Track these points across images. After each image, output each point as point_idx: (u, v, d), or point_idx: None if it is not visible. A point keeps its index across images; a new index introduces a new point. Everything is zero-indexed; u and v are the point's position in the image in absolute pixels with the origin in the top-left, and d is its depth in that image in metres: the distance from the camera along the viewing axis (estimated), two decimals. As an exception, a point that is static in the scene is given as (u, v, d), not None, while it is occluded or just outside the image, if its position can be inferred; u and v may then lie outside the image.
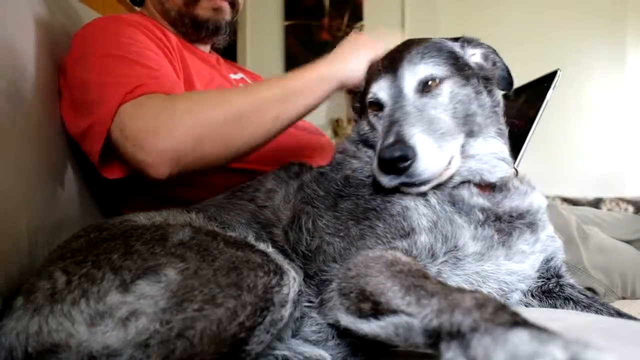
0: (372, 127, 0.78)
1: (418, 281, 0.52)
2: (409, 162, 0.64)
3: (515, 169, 0.79)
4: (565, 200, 1.71)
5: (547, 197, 0.80)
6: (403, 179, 0.66)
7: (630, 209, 1.63)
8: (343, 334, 0.63)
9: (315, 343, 0.65)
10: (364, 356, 0.64)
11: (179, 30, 1.11)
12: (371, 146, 0.79)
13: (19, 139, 0.76)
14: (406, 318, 0.48)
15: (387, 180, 0.67)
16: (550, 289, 0.76)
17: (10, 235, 0.70)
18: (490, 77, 0.80)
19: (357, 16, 3.46)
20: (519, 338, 0.38)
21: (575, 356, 0.35)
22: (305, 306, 0.66)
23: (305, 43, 3.47)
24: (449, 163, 0.69)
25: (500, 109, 0.81)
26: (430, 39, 0.79)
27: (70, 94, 0.88)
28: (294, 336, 0.64)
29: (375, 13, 3.45)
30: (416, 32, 3.67)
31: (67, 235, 0.67)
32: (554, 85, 0.99)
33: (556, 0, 3.34)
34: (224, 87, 1.05)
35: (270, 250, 0.64)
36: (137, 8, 1.23)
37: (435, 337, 0.45)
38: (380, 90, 0.75)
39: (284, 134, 1.03)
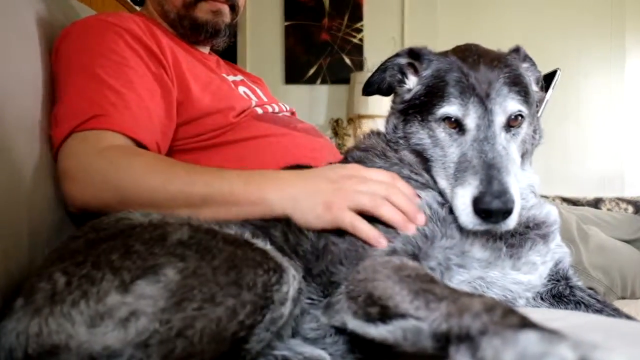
0: (433, 139, 0.73)
1: (426, 285, 0.52)
2: (507, 216, 0.64)
3: None
4: (565, 200, 1.71)
5: (547, 197, 0.80)
6: (491, 226, 0.65)
7: (630, 209, 1.63)
8: (341, 331, 0.63)
9: (313, 340, 0.65)
10: (362, 353, 0.64)
11: (177, 31, 1.11)
12: (396, 149, 0.78)
13: (18, 138, 0.76)
14: (414, 322, 0.48)
15: (476, 224, 0.65)
16: (561, 292, 0.76)
17: (10, 234, 0.70)
18: (539, 102, 0.79)
19: (356, 17, 3.47)
20: (528, 339, 0.38)
21: (585, 356, 0.36)
22: (306, 303, 0.66)
23: (305, 43, 3.48)
24: None
25: (541, 140, 0.80)
26: (507, 58, 0.74)
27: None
28: (292, 334, 0.64)
29: (375, 13, 3.46)
30: (416, 33, 3.69)
31: (67, 235, 0.67)
32: (554, 85, 0.99)
33: (555, 1, 3.35)
34: (223, 90, 1.05)
35: (268, 247, 0.64)
36: (137, 8, 1.23)
37: (443, 340, 0.45)
38: (468, 115, 0.69)
39: (283, 136, 1.04)
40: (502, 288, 0.69)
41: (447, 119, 0.70)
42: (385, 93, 0.84)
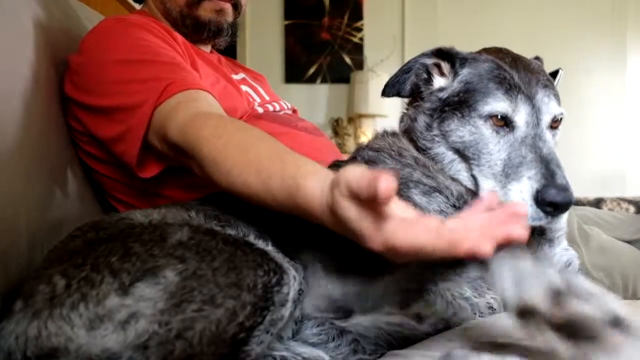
0: (477, 136, 0.71)
1: None
2: (566, 210, 0.64)
3: None
4: (566, 199, 1.71)
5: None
6: (549, 220, 0.65)
7: (632, 208, 1.63)
8: (343, 334, 0.63)
9: (315, 345, 0.65)
10: (364, 358, 0.64)
11: (180, 30, 1.10)
12: (414, 146, 0.78)
13: (17, 139, 0.76)
14: None
15: (537, 219, 0.64)
16: None
17: (9, 234, 0.70)
18: None
19: (357, 16, 3.46)
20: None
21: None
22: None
23: (305, 42, 3.47)
24: None
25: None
26: (538, 64, 0.77)
27: (90, 100, 0.89)
28: (293, 337, 0.64)
29: (375, 13, 3.45)
30: (416, 32, 3.68)
31: (66, 234, 0.67)
32: (556, 85, 0.98)
33: (556, 0, 3.34)
34: (228, 90, 1.05)
35: (269, 248, 0.63)
36: (137, 6, 1.23)
37: None
38: (518, 112, 0.70)
39: (284, 135, 1.03)
40: None
41: (494, 116, 0.70)
42: (405, 95, 0.83)
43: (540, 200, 0.63)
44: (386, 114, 3.10)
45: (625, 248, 1.21)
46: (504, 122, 0.70)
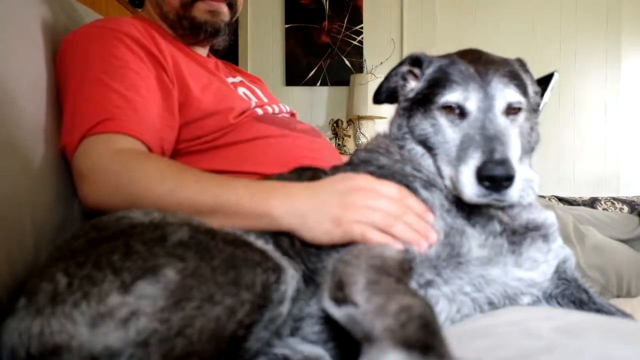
0: (435, 127, 0.74)
1: (386, 280, 0.55)
2: (509, 184, 0.65)
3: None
4: (561, 200, 1.71)
5: (543, 197, 0.81)
6: (495, 196, 0.66)
7: (625, 208, 1.63)
8: (343, 335, 0.63)
9: (315, 343, 0.66)
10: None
11: (177, 33, 1.11)
12: (401, 145, 0.79)
13: (22, 139, 0.77)
14: (353, 310, 0.53)
15: (480, 195, 0.66)
16: (581, 299, 0.76)
17: (15, 234, 0.71)
18: (536, 109, 0.81)
19: (356, 19, 3.48)
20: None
21: None
22: (309, 308, 0.66)
23: (306, 45, 3.49)
24: None
25: (538, 143, 0.82)
26: (506, 59, 0.79)
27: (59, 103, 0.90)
28: (293, 335, 0.65)
29: (374, 16, 3.47)
30: (415, 35, 3.69)
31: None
32: (551, 87, 0.99)
33: (552, 2, 3.36)
34: (222, 91, 1.06)
35: (268, 247, 0.64)
36: (138, 10, 1.24)
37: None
38: (469, 99, 0.72)
39: (282, 137, 1.04)
40: (502, 284, 0.70)
41: (449, 106, 0.73)
42: (392, 100, 0.87)
43: (480, 176, 0.65)
44: (385, 115, 3.11)
45: (619, 247, 1.22)
46: (460, 111, 0.73)
